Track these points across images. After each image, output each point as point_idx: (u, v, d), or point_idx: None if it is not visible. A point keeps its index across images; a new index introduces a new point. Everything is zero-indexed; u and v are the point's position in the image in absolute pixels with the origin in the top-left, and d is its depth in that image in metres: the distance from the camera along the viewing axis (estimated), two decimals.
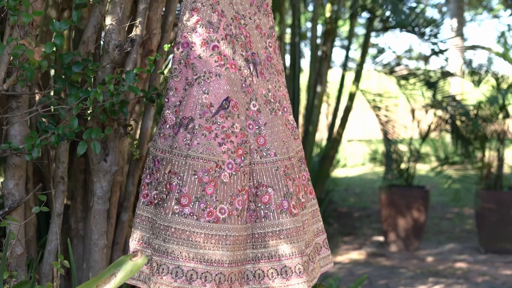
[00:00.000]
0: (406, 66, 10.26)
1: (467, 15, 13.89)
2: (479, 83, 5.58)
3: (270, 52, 2.06)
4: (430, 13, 13.08)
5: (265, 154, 1.93)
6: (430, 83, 5.45)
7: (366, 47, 5.97)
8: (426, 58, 11.68)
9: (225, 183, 1.86)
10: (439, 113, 5.65)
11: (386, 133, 5.58)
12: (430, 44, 5.41)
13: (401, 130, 5.96)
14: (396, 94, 6.87)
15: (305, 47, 8.13)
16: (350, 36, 6.38)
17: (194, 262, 1.82)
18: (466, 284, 4.41)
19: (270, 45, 2.07)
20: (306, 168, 2.11)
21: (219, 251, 1.83)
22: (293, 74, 5.62)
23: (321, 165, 6.01)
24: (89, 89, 2.07)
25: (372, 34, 6.67)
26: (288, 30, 6.20)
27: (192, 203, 1.83)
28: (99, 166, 2.26)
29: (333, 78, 7.83)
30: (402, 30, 5.52)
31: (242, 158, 1.89)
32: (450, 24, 10.65)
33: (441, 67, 6.04)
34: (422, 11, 5.83)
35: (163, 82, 2.36)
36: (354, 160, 11.21)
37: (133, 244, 1.97)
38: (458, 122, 5.46)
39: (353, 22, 6.08)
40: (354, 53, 12.65)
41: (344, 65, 6.15)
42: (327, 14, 5.87)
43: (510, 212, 5.33)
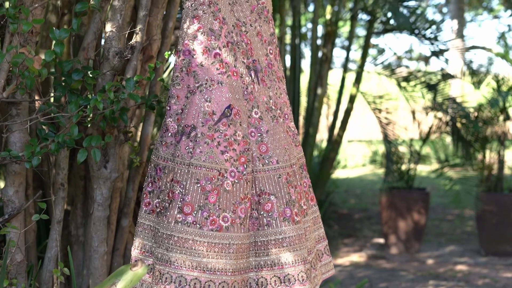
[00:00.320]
0: (406, 68, 10.25)
1: (468, 16, 13.88)
2: (480, 85, 5.57)
3: (271, 59, 2.05)
4: (430, 13, 13.08)
5: (267, 162, 1.92)
6: (431, 86, 5.44)
7: (366, 49, 5.96)
8: (426, 59, 11.68)
9: (227, 191, 1.85)
10: (440, 115, 5.64)
11: (386, 135, 5.57)
12: (430, 45, 5.40)
13: (401, 131, 5.95)
14: (396, 95, 6.87)
15: (305, 48, 8.12)
16: (351, 37, 6.37)
17: (198, 271, 1.81)
18: (466, 286, 4.40)
19: (271, 52, 2.06)
20: (307, 174, 2.11)
21: (222, 260, 1.82)
22: (293, 76, 5.61)
23: (321, 167, 6.01)
24: (89, 96, 2.05)
25: (372, 35, 6.66)
26: (288, 31, 6.19)
27: (195, 212, 1.82)
28: (99, 173, 2.24)
29: (333, 79, 7.82)
30: (402, 32, 5.51)
31: (245, 166, 1.88)
32: (450, 25, 10.65)
33: (441, 69, 6.03)
34: (422, 13, 5.81)
35: (163, 88, 2.35)
36: (355, 161, 11.20)
37: (135, 252, 1.95)
38: (458, 124, 5.45)
39: (353, 24, 6.07)
40: (355, 53, 12.65)
41: (344, 66, 6.15)
42: (328, 16, 5.86)
43: (511, 214, 5.33)
